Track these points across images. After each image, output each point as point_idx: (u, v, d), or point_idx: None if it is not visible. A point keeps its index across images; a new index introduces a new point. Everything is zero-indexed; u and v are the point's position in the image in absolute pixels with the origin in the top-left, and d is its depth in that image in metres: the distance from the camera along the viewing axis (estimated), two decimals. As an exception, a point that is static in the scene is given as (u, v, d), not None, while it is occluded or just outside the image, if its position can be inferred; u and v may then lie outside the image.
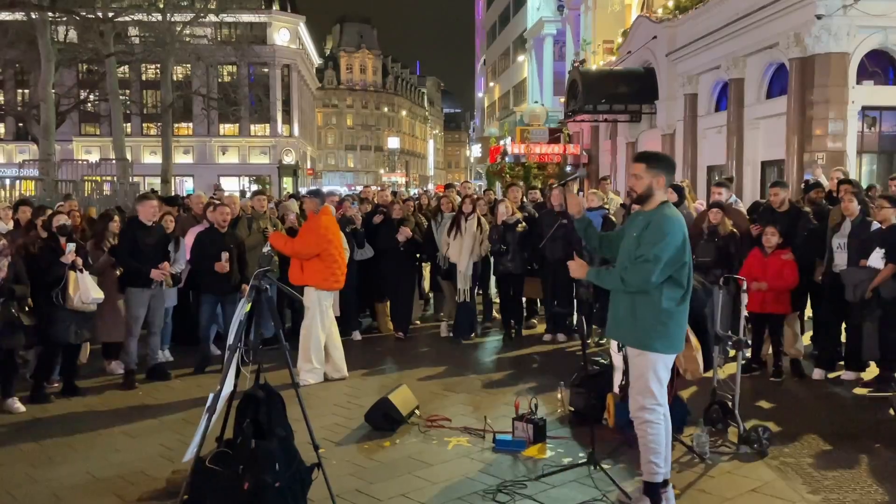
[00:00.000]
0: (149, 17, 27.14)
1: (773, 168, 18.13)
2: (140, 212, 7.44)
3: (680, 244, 4.14)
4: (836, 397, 6.83)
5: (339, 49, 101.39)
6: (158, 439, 5.73)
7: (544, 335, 9.34)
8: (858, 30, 15.30)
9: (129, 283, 7.30)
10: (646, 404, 4.25)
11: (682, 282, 4.20)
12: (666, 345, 4.22)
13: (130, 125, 47.34)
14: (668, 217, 4.18)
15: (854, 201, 7.09)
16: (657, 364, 4.24)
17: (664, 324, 4.17)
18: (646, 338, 4.20)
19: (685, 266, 4.19)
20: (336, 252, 7.46)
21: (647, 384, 4.24)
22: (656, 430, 4.24)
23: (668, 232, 4.11)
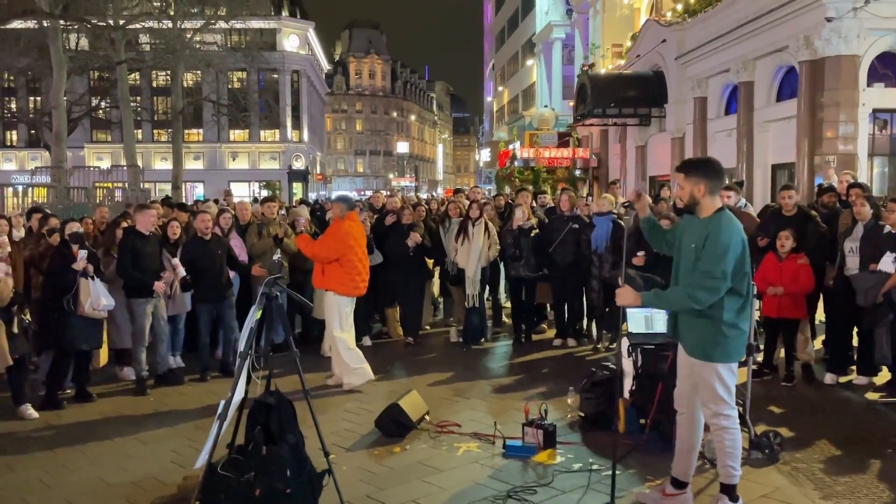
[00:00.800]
0: (159, 25, 27.36)
1: (784, 171, 18.08)
2: (139, 221, 7.44)
3: (740, 254, 4.09)
4: (848, 402, 6.79)
5: (349, 54, 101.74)
6: (170, 445, 5.76)
7: (554, 340, 9.33)
8: (869, 32, 15.25)
9: (132, 293, 7.31)
10: (719, 411, 4.25)
11: (742, 291, 4.15)
12: (727, 354, 4.20)
13: (141, 132, 47.63)
14: (724, 228, 4.08)
15: (866, 205, 7.05)
16: (721, 372, 4.22)
17: (725, 335, 4.15)
18: (708, 348, 4.19)
19: (746, 276, 4.14)
20: (356, 258, 7.42)
21: (715, 392, 4.24)
22: (732, 434, 4.27)
23: (728, 245, 4.03)
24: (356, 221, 7.64)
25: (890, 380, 6.96)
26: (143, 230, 7.39)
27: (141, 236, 7.35)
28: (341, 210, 7.52)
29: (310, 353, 8.51)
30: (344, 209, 7.52)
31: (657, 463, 5.24)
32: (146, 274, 7.24)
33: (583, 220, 9.15)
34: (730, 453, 4.27)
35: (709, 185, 4.16)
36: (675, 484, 4.52)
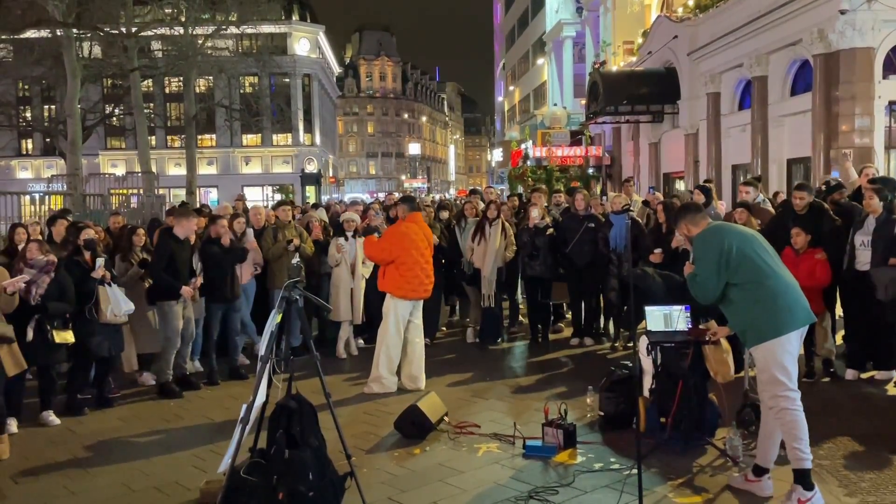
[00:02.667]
0: (171, 32, 27.50)
1: (800, 166, 17.95)
2: (183, 226, 7.44)
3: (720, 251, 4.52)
4: (870, 397, 6.73)
5: (359, 57, 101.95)
6: (191, 450, 5.79)
7: (571, 339, 9.31)
8: (883, 24, 15.12)
9: (164, 296, 7.33)
10: (777, 392, 4.44)
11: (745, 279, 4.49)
12: (770, 328, 4.42)
13: (155, 138, 47.89)
14: (699, 239, 4.72)
15: (875, 198, 6.99)
16: (775, 351, 4.43)
17: (760, 315, 4.44)
18: (752, 333, 4.50)
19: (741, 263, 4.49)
20: (411, 260, 7.26)
21: (772, 375, 4.45)
22: (793, 415, 4.41)
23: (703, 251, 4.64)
24: (417, 223, 7.46)
25: (912, 374, 6.90)
26: (181, 235, 7.41)
27: (177, 240, 7.37)
28: (403, 211, 7.49)
29: (325, 355, 8.54)
30: (406, 210, 7.47)
31: (679, 461, 5.22)
32: (178, 278, 7.27)
33: (598, 218, 9.11)
34: (794, 435, 4.40)
35: (689, 221, 4.82)
36: (755, 471, 4.69)
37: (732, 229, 4.80)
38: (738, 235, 4.67)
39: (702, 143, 22.50)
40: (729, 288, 4.53)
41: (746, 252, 4.52)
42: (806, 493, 4.33)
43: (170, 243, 7.32)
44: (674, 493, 4.73)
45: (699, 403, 5.58)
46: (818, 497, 4.37)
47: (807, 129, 16.64)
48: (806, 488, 4.35)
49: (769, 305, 4.44)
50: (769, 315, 4.43)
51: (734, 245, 4.53)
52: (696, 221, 4.81)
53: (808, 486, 4.36)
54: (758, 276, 4.48)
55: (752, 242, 4.62)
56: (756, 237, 4.73)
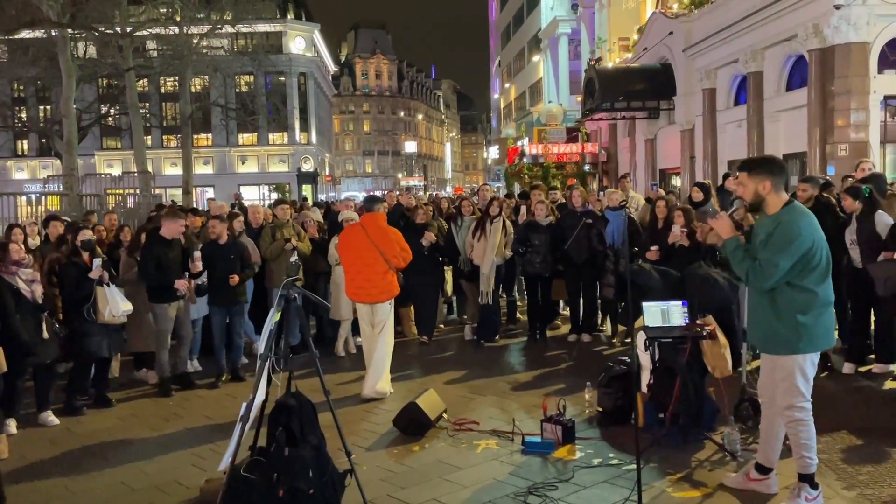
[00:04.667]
0: (166, 31, 27.46)
1: (796, 161, 17.97)
2: (169, 227, 7.45)
3: (809, 247, 4.11)
4: (868, 391, 6.76)
5: (355, 55, 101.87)
6: (190, 449, 5.80)
7: (569, 336, 9.33)
8: (878, 18, 15.15)
9: (155, 298, 7.35)
10: (794, 403, 4.31)
11: (809, 287, 4.17)
12: (812, 344, 4.24)
13: (151, 138, 47.77)
14: (794, 221, 4.14)
15: (848, 199, 7.03)
16: (804, 363, 4.28)
17: (805, 326, 4.18)
18: (792, 342, 4.22)
19: (817, 268, 4.15)
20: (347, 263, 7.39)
21: (794, 384, 4.29)
22: (806, 427, 4.32)
23: (795, 237, 4.09)
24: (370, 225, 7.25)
25: (909, 368, 6.92)
26: (167, 236, 7.40)
27: (164, 242, 7.36)
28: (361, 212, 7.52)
29: (324, 354, 8.55)
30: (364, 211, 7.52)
31: (677, 456, 5.24)
32: (168, 278, 7.27)
33: (595, 214, 9.13)
34: (805, 444, 4.32)
35: (774, 181, 4.22)
36: (759, 469, 4.63)
37: (816, 222, 4.25)
38: (820, 232, 4.23)
39: (698, 138, 22.53)
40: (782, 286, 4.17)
41: (825, 255, 4.17)
42: (812, 492, 4.32)
43: (154, 245, 7.33)
44: (672, 488, 4.75)
45: (697, 398, 5.60)
46: (821, 497, 4.37)
47: (802, 124, 16.66)
48: (812, 487, 4.34)
49: (817, 319, 4.20)
50: (812, 328, 4.20)
51: (818, 242, 4.15)
52: (779, 185, 4.22)
53: (815, 486, 4.35)
54: (820, 285, 4.19)
55: (825, 241, 4.25)
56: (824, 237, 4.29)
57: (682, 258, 7.36)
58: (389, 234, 7.25)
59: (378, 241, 7.12)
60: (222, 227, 7.88)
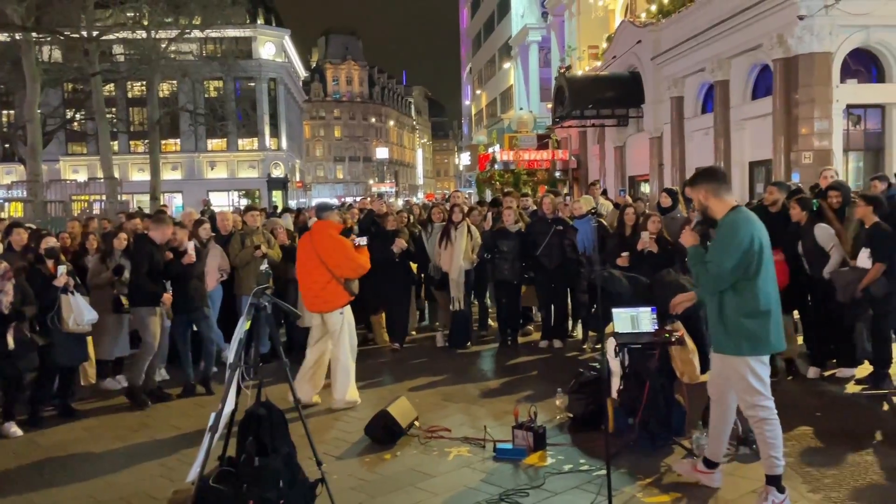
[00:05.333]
0: (133, 35, 27.17)
1: (761, 168, 18.28)
2: (160, 232, 7.32)
3: (748, 247, 4.21)
4: (832, 395, 6.87)
5: (325, 61, 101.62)
6: (159, 459, 5.71)
7: (540, 342, 9.37)
8: (840, 29, 15.47)
9: (143, 302, 7.19)
10: (756, 402, 4.39)
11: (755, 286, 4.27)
12: (762, 346, 4.33)
13: (117, 143, 47.20)
14: (733, 221, 4.28)
15: (797, 208, 7.18)
16: (754, 365, 4.36)
17: (751, 327, 4.29)
18: (741, 343, 4.32)
19: (759, 270, 4.26)
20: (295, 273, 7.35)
21: (749, 384, 4.38)
22: (772, 425, 4.38)
23: (733, 237, 4.22)
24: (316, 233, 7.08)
25: (872, 373, 7.06)
26: (158, 240, 7.30)
27: (156, 246, 7.26)
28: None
29: (295, 362, 8.48)
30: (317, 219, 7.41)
31: (647, 461, 5.29)
32: (159, 284, 7.18)
33: (566, 221, 9.19)
34: (772, 444, 4.37)
35: (711, 188, 4.37)
36: (706, 463, 4.76)
37: (756, 219, 4.38)
38: (763, 231, 4.34)
39: (666, 146, 22.81)
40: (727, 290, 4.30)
41: (767, 254, 4.29)
42: (779, 496, 4.38)
43: (148, 248, 7.22)
44: (642, 493, 4.79)
45: (666, 404, 5.66)
46: (787, 500, 4.44)
47: (768, 132, 16.95)
48: (779, 491, 4.40)
49: (765, 320, 4.29)
50: (761, 330, 4.30)
51: (759, 240, 4.25)
52: (720, 193, 4.36)
53: (781, 489, 4.40)
54: (766, 284, 4.29)
55: (768, 242, 4.36)
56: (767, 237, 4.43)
57: (651, 265, 7.43)
58: (334, 242, 6.93)
59: (320, 249, 6.89)
60: (183, 234, 7.80)
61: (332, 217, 7.19)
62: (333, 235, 6.96)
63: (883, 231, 6.72)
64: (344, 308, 6.98)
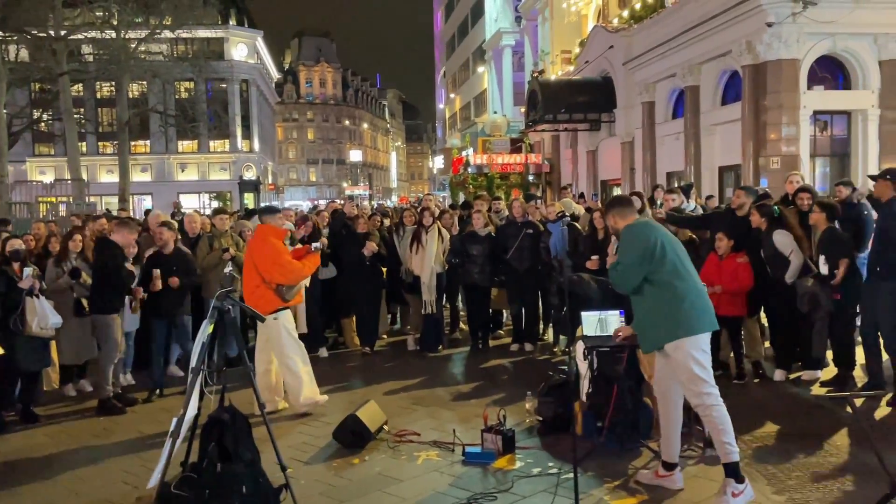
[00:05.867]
0: (102, 35, 26.78)
1: (731, 173, 18.51)
2: (121, 235, 7.20)
3: (647, 245, 4.64)
4: (797, 398, 6.95)
5: (298, 63, 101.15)
6: (122, 466, 5.61)
7: (511, 345, 9.37)
8: (807, 36, 15.74)
9: (108, 309, 7.06)
10: (700, 390, 4.59)
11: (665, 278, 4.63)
12: (683, 326, 4.58)
13: (86, 144, 46.53)
14: (630, 226, 4.84)
15: (756, 214, 7.31)
16: (691, 349, 4.57)
17: (673, 312, 4.59)
18: (669, 330, 4.61)
19: (666, 262, 4.64)
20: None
21: (692, 372, 4.58)
22: (718, 411, 4.58)
23: (632, 238, 4.74)
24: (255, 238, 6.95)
25: (836, 375, 7.16)
26: (121, 244, 7.17)
27: (120, 250, 7.14)
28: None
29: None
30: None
31: (614, 464, 5.30)
32: (123, 288, 7.06)
33: (536, 225, 9.21)
34: (721, 429, 4.54)
35: (617, 213, 4.98)
36: (665, 466, 4.87)
37: (659, 227, 4.94)
38: (665, 234, 4.85)
39: (637, 150, 23.01)
40: (645, 284, 4.68)
41: (668, 251, 4.68)
42: (738, 486, 4.49)
43: (113, 251, 7.09)
44: (609, 496, 4.80)
45: (634, 407, 5.68)
46: (749, 490, 4.53)
47: (737, 137, 17.18)
48: (738, 481, 4.50)
49: (685, 305, 4.59)
50: (684, 313, 4.58)
51: (660, 241, 4.68)
52: (625, 214, 4.97)
53: (740, 479, 4.51)
54: (675, 277, 4.64)
55: (674, 244, 4.81)
56: (677, 240, 4.93)
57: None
58: (265, 246, 6.73)
59: (254, 252, 6.75)
60: (170, 235, 7.70)
61: (271, 221, 6.95)
62: (266, 239, 6.76)
63: (836, 236, 6.92)
64: (279, 313, 6.75)
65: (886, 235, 6.47)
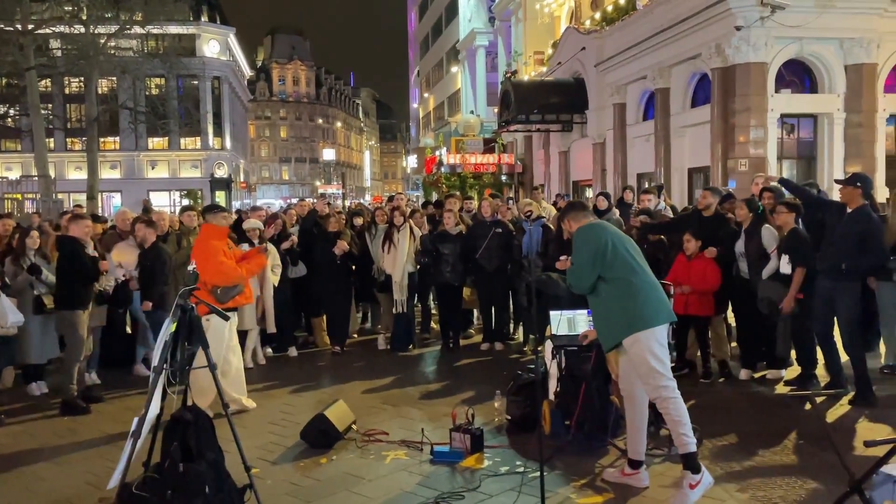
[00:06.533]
0: (71, 30, 26.36)
1: (700, 175, 18.71)
2: (74, 230, 7.08)
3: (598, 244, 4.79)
4: (761, 396, 7.05)
5: (271, 60, 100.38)
6: (84, 466, 5.53)
7: (482, 344, 9.39)
8: (775, 40, 15.96)
9: (72, 305, 6.93)
10: (658, 384, 4.67)
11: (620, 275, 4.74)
12: (639, 320, 4.67)
13: (53, 140, 45.77)
14: (580, 230, 5.00)
15: (744, 208, 7.40)
16: (648, 342, 4.66)
17: (628, 307, 4.69)
18: (625, 325, 4.70)
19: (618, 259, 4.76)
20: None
21: (649, 366, 4.66)
22: (675, 403, 4.66)
23: (584, 240, 4.89)
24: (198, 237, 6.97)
25: (800, 374, 7.27)
26: (80, 238, 7.05)
27: (81, 245, 7.01)
28: None
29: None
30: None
31: (582, 463, 5.33)
32: (88, 284, 6.95)
33: (506, 224, 9.24)
34: (678, 421, 4.62)
35: (571, 217, 5.16)
36: (630, 464, 4.92)
37: (610, 228, 5.07)
38: (615, 234, 4.97)
39: (609, 152, 23.18)
40: (600, 283, 4.78)
41: (620, 250, 4.80)
42: (695, 477, 4.56)
43: (74, 247, 6.98)
44: (576, 494, 4.82)
45: (601, 405, 5.71)
46: (706, 476, 4.61)
47: (706, 139, 17.36)
48: (694, 472, 4.57)
49: (639, 299, 4.69)
50: (639, 308, 4.67)
51: (611, 241, 4.80)
52: (578, 218, 5.13)
53: (696, 469, 4.58)
54: (628, 273, 4.75)
55: (625, 242, 4.94)
56: (629, 239, 5.09)
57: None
58: (202, 245, 6.66)
59: (195, 251, 6.69)
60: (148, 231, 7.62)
61: (213, 220, 6.83)
62: (204, 239, 6.70)
63: (801, 237, 7.00)
64: (210, 315, 6.41)
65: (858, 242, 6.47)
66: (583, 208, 5.32)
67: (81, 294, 6.97)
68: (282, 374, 8.27)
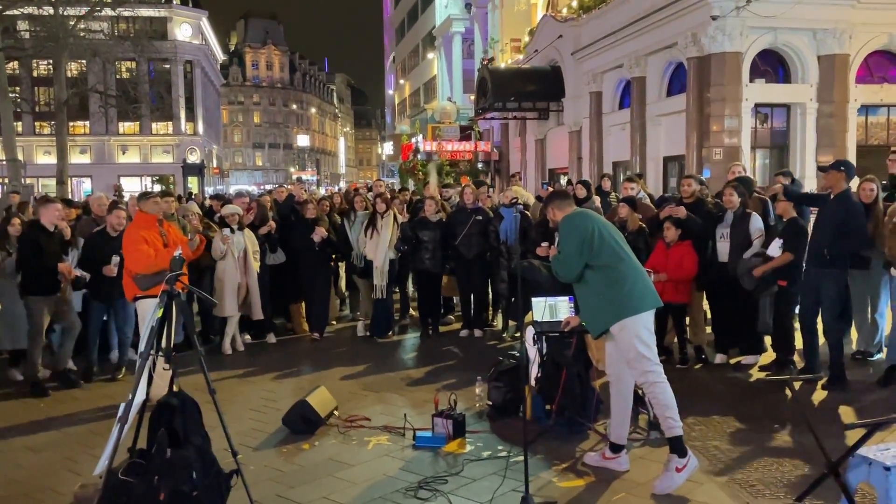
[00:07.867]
0: (39, 11, 25.80)
1: (675, 163, 18.87)
2: (43, 215, 7.06)
3: (584, 233, 4.79)
4: (738, 381, 7.17)
5: (245, 45, 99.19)
6: (64, 452, 5.48)
7: (461, 331, 9.43)
8: (750, 30, 16.11)
9: (30, 290, 6.93)
10: (645, 368, 4.74)
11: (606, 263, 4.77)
12: (627, 307, 4.72)
13: (22, 124, 44.83)
14: (566, 218, 4.99)
15: (734, 195, 7.52)
16: (636, 328, 4.72)
17: (615, 295, 4.73)
18: (613, 312, 4.74)
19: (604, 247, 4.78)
20: None
21: (637, 351, 4.73)
22: (662, 387, 4.75)
23: (570, 229, 4.89)
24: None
25: (775, 359, 7.41)
26: (47, 224, 7.00)
27: (45, 231, 6.96)
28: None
29: (209, 351, 8.33)
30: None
31: (563, 447, 5.40)
32: (47, 271, 6.86)
33: (486, 211, 9.26)
34: (665, 405, 4.70)
35: (556, 206, 5.13)
36: (612, 448, 4.99)
37: (595, 216, 5.10)
38: (600, 222, 5.00)
39: (585, 140, 23.27)
40: (587, 270, 4.80)
41: (606, 237, 4.83)
42: (681, 460, 4.63)
43: (35, 233, 6.93)
44: (558, 478, 4.89)
45: (582, 391, 5.78)
46: (692, 460, 4.69)
47: (681, 128, 17.51)
48: (681, 455, 4.64)
49: (626, 286, 4.74)
50: (625, 295, 4.72)
51: (597, 229, 4.83)
52: (562, 207, 5.12)
53: (683, 453, 4.65)
54: (614, 261, 4.79)
55: (610, 230, 4.97)
56: (613, 226, 5.10)
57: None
58: (128, 232, 6.76)
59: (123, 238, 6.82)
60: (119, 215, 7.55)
61: (144, 207, 6.78)
62: (132, 226, 6.74)
63: (800, 226, 7.14)
64: (141, 301, 6.59)
65: (838, 226, 6.58)
66: (566, 196, 5.33)
67: (41, 280, 6.93)
68: (261, 361, 8.25)
